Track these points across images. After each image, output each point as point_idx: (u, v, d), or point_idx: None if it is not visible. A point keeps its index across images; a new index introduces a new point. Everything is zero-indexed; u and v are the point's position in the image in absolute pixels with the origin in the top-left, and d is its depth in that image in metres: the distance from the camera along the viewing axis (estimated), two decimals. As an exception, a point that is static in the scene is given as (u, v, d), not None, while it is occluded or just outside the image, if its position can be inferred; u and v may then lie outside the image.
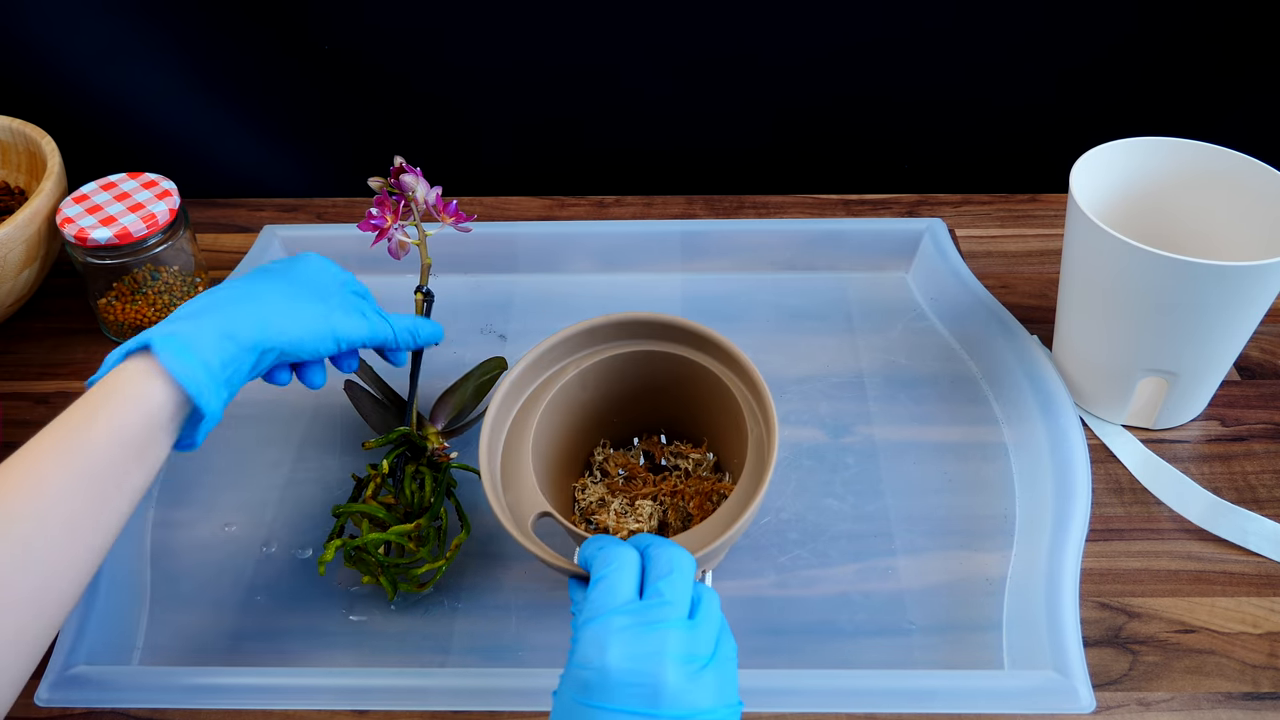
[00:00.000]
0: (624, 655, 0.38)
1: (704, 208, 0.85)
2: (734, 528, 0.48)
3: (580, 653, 0.39)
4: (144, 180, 0.74)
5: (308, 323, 0.53)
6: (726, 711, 0.39)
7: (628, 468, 0.61)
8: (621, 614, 0.39)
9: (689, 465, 0.61)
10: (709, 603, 0.42)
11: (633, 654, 0.38)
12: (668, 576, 0.41)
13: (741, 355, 0.55)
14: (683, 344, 0.58)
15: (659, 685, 0.37)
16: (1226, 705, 0.52)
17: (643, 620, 0.39)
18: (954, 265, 0.75)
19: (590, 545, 0.45)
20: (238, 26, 0.81)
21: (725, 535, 0.48)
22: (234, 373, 0.49)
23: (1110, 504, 0.62)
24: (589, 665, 0.38)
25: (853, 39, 0.81)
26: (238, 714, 0.53)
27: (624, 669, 0.38)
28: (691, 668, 0.38)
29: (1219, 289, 0.56)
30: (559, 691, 0.40)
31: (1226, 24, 0.78)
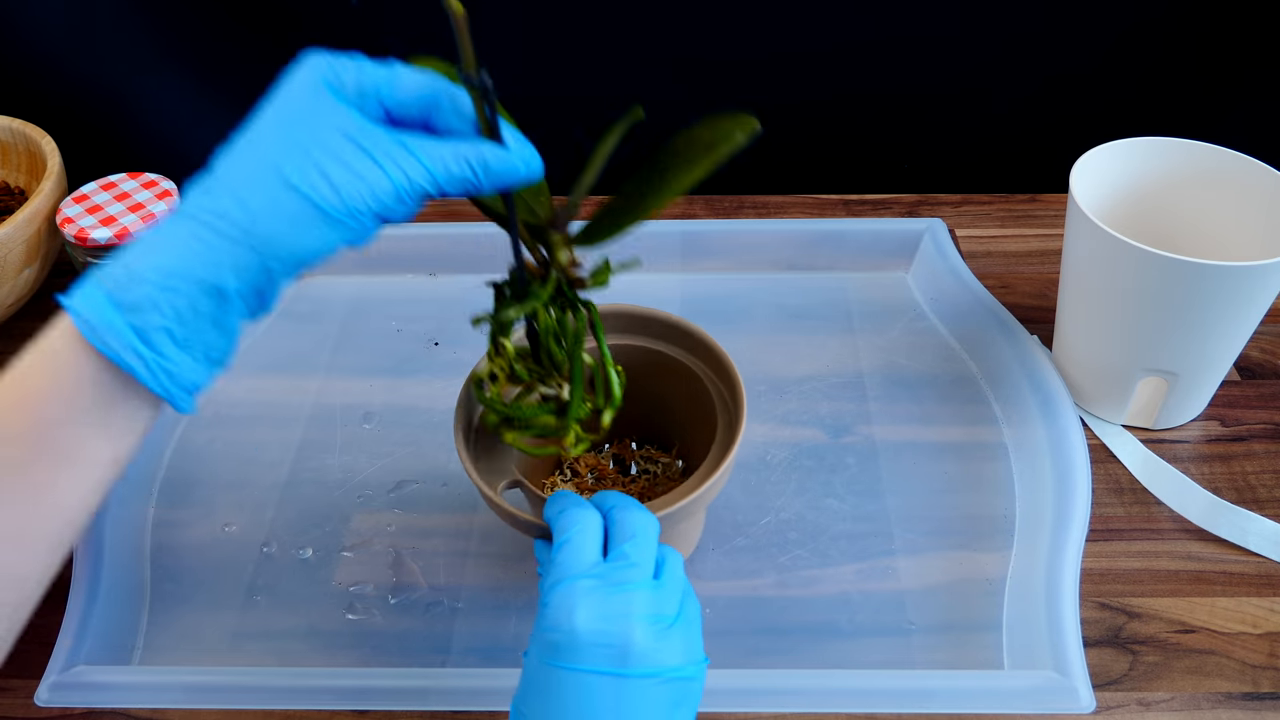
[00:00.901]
0: (592, 616, 0.38)
1: (704, 208, 0.85)
2: (697, 492, 0.48)
3: (549, 616, 0.39)
4: (144, 180, 0.74)
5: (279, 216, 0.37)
6: (694, 669, 0.40)
7: (598, 469, 0.61)
8: (588, 576, 0.40)
9: (658, 470, 0.61)
10: (673, 564, 0.42)
11: (600, 615, 0.38)
12: (632, 539, 0.41)
13: (712, 341, 0.54)
14: (653, 337, 0.57)
15: (627, 645, 0.38)
16: (1226, 705, 0.52)
17: (609, 582, 0.40)
18: (954, 265, 0.75)
19: (553, 505, 0.44)
20: (238, 26, 0.81)
21: (688, 498, 0.47)
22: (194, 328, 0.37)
23: (1110, 504, 0.62)
24: (558, 628, 0.39)
25: (853, 38, 0.81)
26: (238, 714, 0.53)
27: (592, 630, 0.38)
28: (658, 627, 0.39)
29: (1219, 289, 0.56)
30: (528, 653, 0.41)
31: (1226, 24, 0.78)
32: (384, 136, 0.37)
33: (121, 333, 0.36)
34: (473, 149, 0.38)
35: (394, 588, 0.59)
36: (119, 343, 0.36)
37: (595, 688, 0.38)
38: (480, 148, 0.38)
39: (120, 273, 0.37)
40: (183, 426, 0.69)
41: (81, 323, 0.36)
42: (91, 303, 0.36)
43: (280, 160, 0.36)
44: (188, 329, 0.37)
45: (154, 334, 0.37)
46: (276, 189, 0.36)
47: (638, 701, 0.38)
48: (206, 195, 0.37)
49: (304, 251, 0.37)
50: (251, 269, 0.37)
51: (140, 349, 0.37)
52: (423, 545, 0.61)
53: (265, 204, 0.36)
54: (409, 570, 0.60)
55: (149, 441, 0.67)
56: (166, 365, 0.37)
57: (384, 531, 0.62)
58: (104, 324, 0.36)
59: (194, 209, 0.37)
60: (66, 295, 0.37)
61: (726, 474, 0.50)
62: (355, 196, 0.37)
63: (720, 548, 0.60)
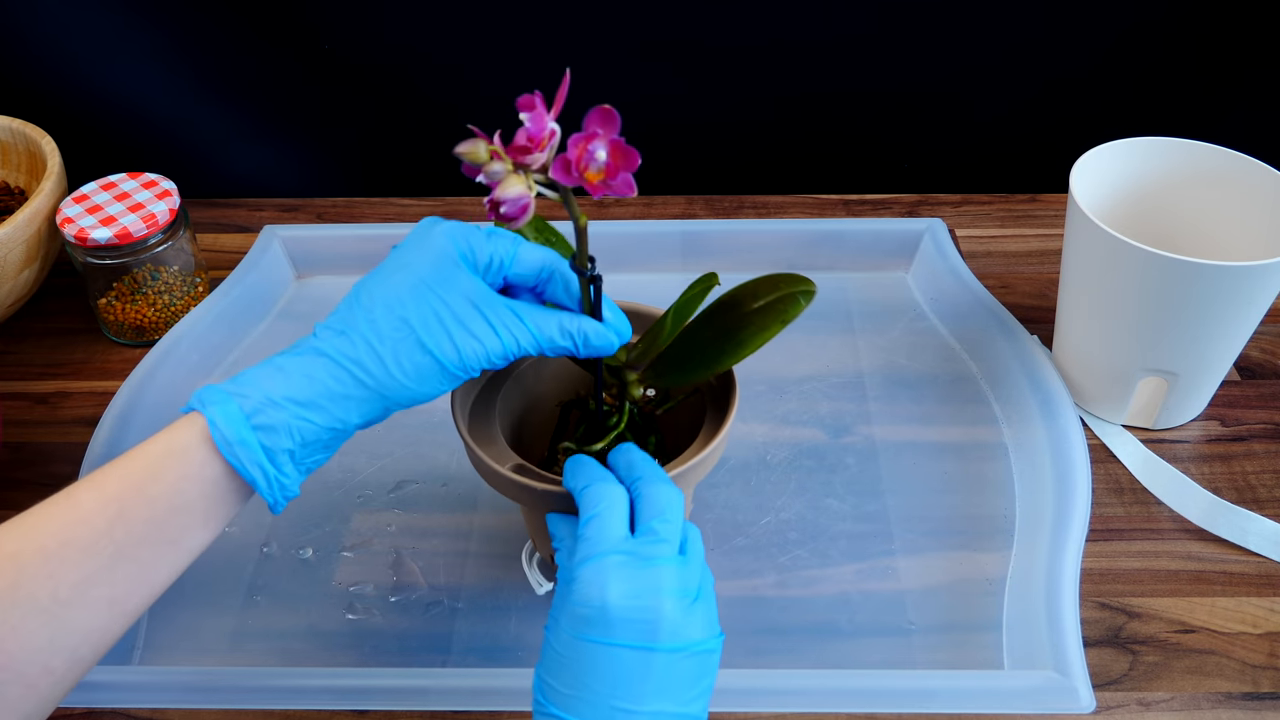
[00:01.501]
0: (624, 593, 0.39)
1: (704, 208, 0.85)
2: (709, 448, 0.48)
3: (579, 591, 0.40)
4: (144, 180, 0.74)
5: (408, 371, 0.42)
6: (714, 641, 0.41)
7: None
8: (618, 553, 0.40)
9: None
10: (695, 540, 0.43)
11: (632, 591, 0.39)
12: (660, 515, 0.42)
13: None
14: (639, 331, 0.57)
15: (657, 620, 0.39)
16: (1226, 705, 0.52)
17: (639, 558, 0.40)
18: (954, 265, 0.75)
19: (576, 477, 0.44)
20: (238, 26, 0.81)
21: (700, 455, 0.48)
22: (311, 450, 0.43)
23: (1110, 504, 0.62)
24: (589, 603, 0.39)
25: (852, 38, 0.81)
26: (238, 714, 0.53)
27: (624, 605, 0.39)
28: (685, 602, 0.40)
29: (1219, 289, 0.56)
30: (552, 626, 0.41)
31: (1226, 24, 0.78)
32: (503, 306, 0.43)
33: (253, 450, 0.41)
34: (575, 323, 0.44)
35: (394, 588, 0.59)
36: (248, 458, 0.41)
37: (626, 661, 0.39)
38: (582, 323, 0.44)
39: (258, 396, 0.41)
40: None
41: (218, 434, 0.41)
42: (230, 420, 0.41)
43: (416, 323, 0.42)
44: (307, 451, 0.42)
45: (279, 454, 0.41)
46: (411, 349, 0.42)
47: (666, 674, 0.39)
48: (344, 339, 0.42)
49: (420, 397, 0.43)
50: (375, 410, 0.43)
51: (266, 465, 0.41)
52: (422, 545, 0.61)
53: (397, 360, 0.42)
54: (409, 570, 0.60)
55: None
56: (283, 480, 0.42)
57: (384, 532, 0.62)
58: (238, 440, 0.41)
59: (332, 350, 0.42)
60: (204, 404, 0.41)
61: (719, 451, 0.50)
62: (473, 356, 0.43)
63: (720, 547, 0.60)
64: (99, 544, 0.39)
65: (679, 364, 0.49)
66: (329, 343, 0.42)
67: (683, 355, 0.49)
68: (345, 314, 0.43)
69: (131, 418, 0.66)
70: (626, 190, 0.39)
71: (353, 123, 0.88)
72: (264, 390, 0.41)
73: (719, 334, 0.48)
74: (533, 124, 0.38)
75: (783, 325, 0.48)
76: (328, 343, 0.42)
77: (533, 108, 0.38)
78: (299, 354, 0.42)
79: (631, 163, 0.38)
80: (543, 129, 0.38)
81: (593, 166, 0.38)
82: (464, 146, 0.38)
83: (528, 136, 0.38)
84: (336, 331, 0.42)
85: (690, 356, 0.49)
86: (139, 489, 0.40)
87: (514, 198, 0.38)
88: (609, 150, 0.38)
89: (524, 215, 0.39)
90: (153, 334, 0.75)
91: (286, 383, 0.41)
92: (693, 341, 0.49)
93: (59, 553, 0.38)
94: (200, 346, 0.72)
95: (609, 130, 0.38)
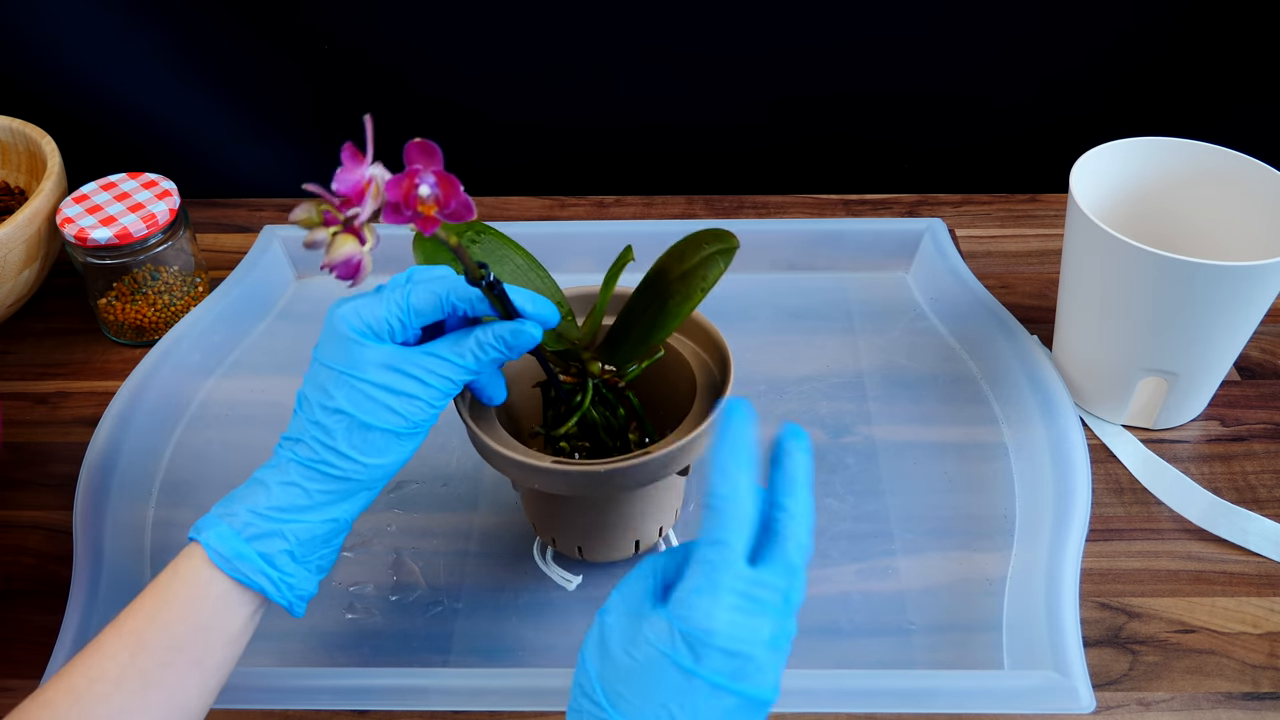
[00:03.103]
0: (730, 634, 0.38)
1: (704, 208, 0.85)
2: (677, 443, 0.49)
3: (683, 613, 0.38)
4: (144, 180, 0.74)
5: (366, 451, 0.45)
6: (774, 695, 0.40)
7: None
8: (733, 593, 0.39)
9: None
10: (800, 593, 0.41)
11: (738, 634, 0.38)
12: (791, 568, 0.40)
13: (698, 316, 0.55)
14: None
15: (749, 666, 0.38)
16: (1226, 705, 0.52)
17: (754, 601, 0.39)
18: (954, 265, 0.75)
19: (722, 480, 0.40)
20: (238, 26, 0.81)
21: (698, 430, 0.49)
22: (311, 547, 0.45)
23: (1110, 504, 0.62)
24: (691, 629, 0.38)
25: (853, 38, 0.81)
26: (238, 714, 0.53)
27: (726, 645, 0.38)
28: (776, 655, 0.39)
29: (1219, 289, 0.56)
30: (610, 612, 0.40)
31: (1226, 24, 0.78)
32: (418, 355, 0.45)
33: (251, 560, 0.43)
34: (489, 333, 0.45)
35: (394, 588, 0.59)
36: (249, 568, 0.43)
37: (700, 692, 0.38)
38: (496, 329, 0.45)
39: (245, 513, 0.44)
40: (182, 428, 0.69)
41: (215, 555, 0.43)
42: (224, 539, 0.43)
43: (351, 409, 0.44)
44: (307, 550, 0.45)
45: (278, 556, 0.44)
46: (359, 432, 0.44)
47: (728, 713, 0.38)
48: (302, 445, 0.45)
49: (393, 467, 0.46)
50: (358, 494, 0.46)
51: (268, 570, 0.44)
52: (423, 545, 0.61)
53: (353, 446, 0.44)
54: (409, 570, 0.60)
55: (149, 443, 0.67)
56: (289, 579, 0.44)
57: (384, 532, 0.62)
58: (236, 555, 0.43)
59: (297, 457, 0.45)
60: (199, 530, 0.44)
61: (705, 440, 0.50)
62: (415, 412, 0.45)
63: (720, 548, 0.60)
64: (125, 676, 0.41)
65: (623, 337, 0.51)
66: (292, 452, 0.45)
67: (625, 328, 0.51)
68: (295, 424, 0.46)
69: (132, 418, 0.66)
70: (466, 214, 0.38)
71: (352, 123, 0.87)
72: (249, 506, 0.44)
73: (652, 304, 0.50)
74: (339, 182, 0.38)
75: (704, 291, 0.48)
76: (291, 452, 0.45)
77: (344, 161, 0.38)
78: (274, 466, 0.45)
79: (458, 188, 0.38)
80: (357, 180, 0.38)
81: (422, 203, 0.38)
82: (297, 213, 0.38)
83: (342, 194, 0.38)
84: (294, 440, 0.45)
85: (630, 329, 0.51)
86: (152, 618, 0.43)
87: (343, 260, 0.38)
88: (435, 183, 0.38)
89: (359, 274, 0.39)
90: (153, 334, 0.75)
91: (269, 495, 0.44)
92: (631, 314, 0.51)
93: (88, 689, 0.41)
94: (201, 346, 0.72)
95: (430, 163, 0.38)
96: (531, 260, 0.53)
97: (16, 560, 0.61)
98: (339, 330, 0.44)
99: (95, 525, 0.60)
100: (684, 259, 0.50)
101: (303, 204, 0.38)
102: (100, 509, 0.61)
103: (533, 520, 0.58)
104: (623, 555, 0.57)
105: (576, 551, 0.57)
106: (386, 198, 0.38)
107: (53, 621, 0.56)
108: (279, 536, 0.44)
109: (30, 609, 0.58)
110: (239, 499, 0.45)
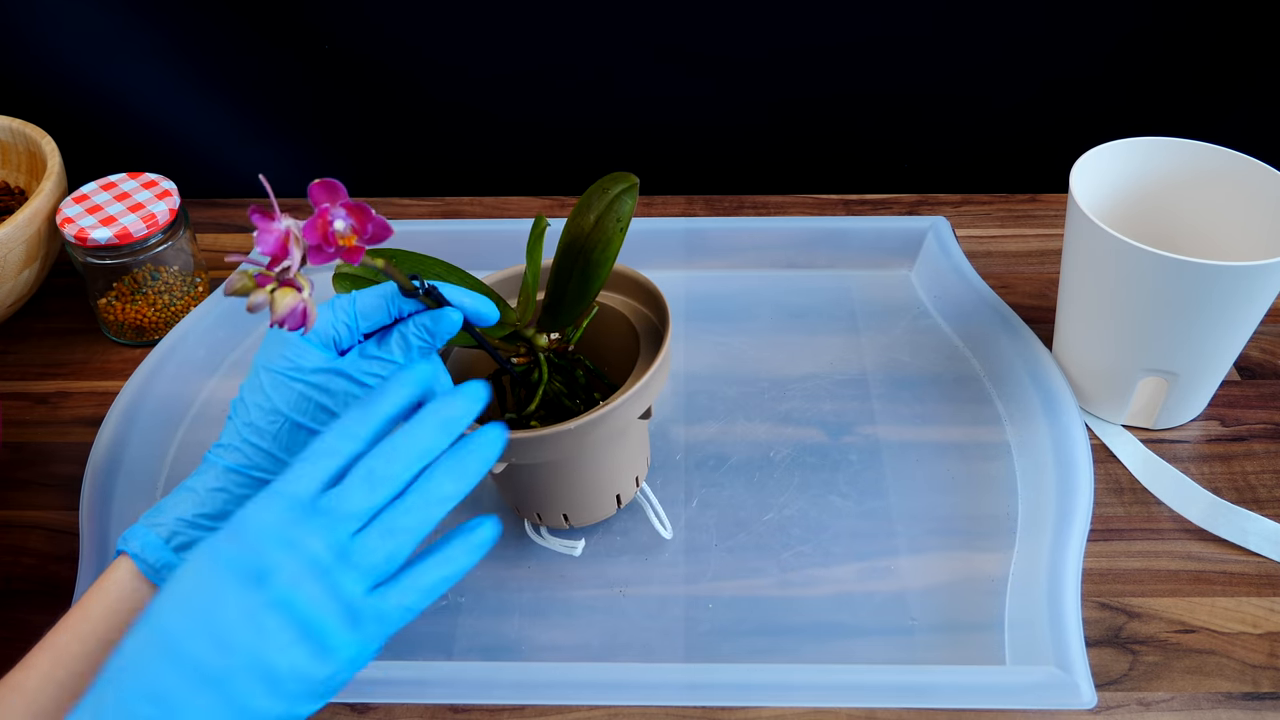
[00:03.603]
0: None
1: (704, 208, 0.85)
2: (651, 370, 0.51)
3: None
4: (144, 180, 0.74)
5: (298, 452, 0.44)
6: None
7: None
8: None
9: None
10: None
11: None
12: None
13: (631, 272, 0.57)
14: None
15: None
16: (1226, 705, 0.52)
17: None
18: (958, 264, 0.75)
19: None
20: (238, 26, 0.81)
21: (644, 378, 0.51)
22: None
23: (1110, 504, 0.62)
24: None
25: (852, 38, 0.81)
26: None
27: None
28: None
29: (1219, 289, 0.56)
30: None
31: (1227, 24, 0.78)
32: (351, 358, 0.46)
33: (175, 564, 0.44)
34: (413, 324, 0.46)
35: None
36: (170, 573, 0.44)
37: None
38: (419, 319, 0.46)
39: (172, 522, 0.44)
40: (186, 426, 0.69)
41: (143, 564, 0.44)
42: (151, 547, 0.44)
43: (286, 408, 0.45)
44: None
45: None
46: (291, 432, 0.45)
47: None
48: (234, 452, 0.45)
49: None
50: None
51: None
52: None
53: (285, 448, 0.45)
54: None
55: (154, 441, 0.67)
56: None
57: (386, 531, 0.62)
58: (163, 564, 0.44)
59: (230, 463, 0.45)
60: (125, 541, 0.44)
61: (659, 380, 0.52)
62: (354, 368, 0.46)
63: (723, 544, 0.60)
64: (43, 687, 0.41)
65: (559, 302, 0.53)
66: (224, 459, 0.45)
67: (559, 294, 0.53)
68: (230, 429, 0.46)
69: (136, 416, 0.66)
70: (385, 233, 0.39)
71: (353, 123, 0.88)
72: (177, 514, 0.44)
73: (577, 261, 0.52)
74: (261, 244, 0.38)
75: (622, 231, 0.50)
76: (223, 459, 0.45)
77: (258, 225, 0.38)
78: (204, 474, 0.45)
79: (370, 213, 0.39)
80: (277, 237, 0.38)
81: (341, 237, 0.39)
82: (231, 284, 0.39)
83: (267, 254, 0.38)
84: (227, 448, 0.45)
85: (564, 293, 0.53)
86: (72, 629, 0.43)
87: (289, 312, 0.39)
88: (346, 214, 0.39)
89: (307, 320, 0.40)
90: (153, 334, 0.74)
91: (198, 502, 0.45)
92: (560, 277, 0.53)
93: (7, 698, 0.41)
94: (205, 342, 0.72)
95: (336, 198, 0.39)
96: (448, 266, 0.55)
97: (16, 560, 0.61)
98: (284, 336, 0.46)
99: (100, 523, 0.60)
100: (590, 209, 0.51)
101: (233, 274, 0.39)
102: (105, 507, 0.61)
103: (513, 502, 0.60)
104: (607, 513, 0.59)
105: (563, 520, 0.58)
106: (307, 243, 0.39)
107: (53, 622, 0.56)
108: None
109: (30, 609, 0.58)
110: (167, 508, 0.45)
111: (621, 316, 0.58)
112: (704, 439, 0.66)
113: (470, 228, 0.81)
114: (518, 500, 0.59)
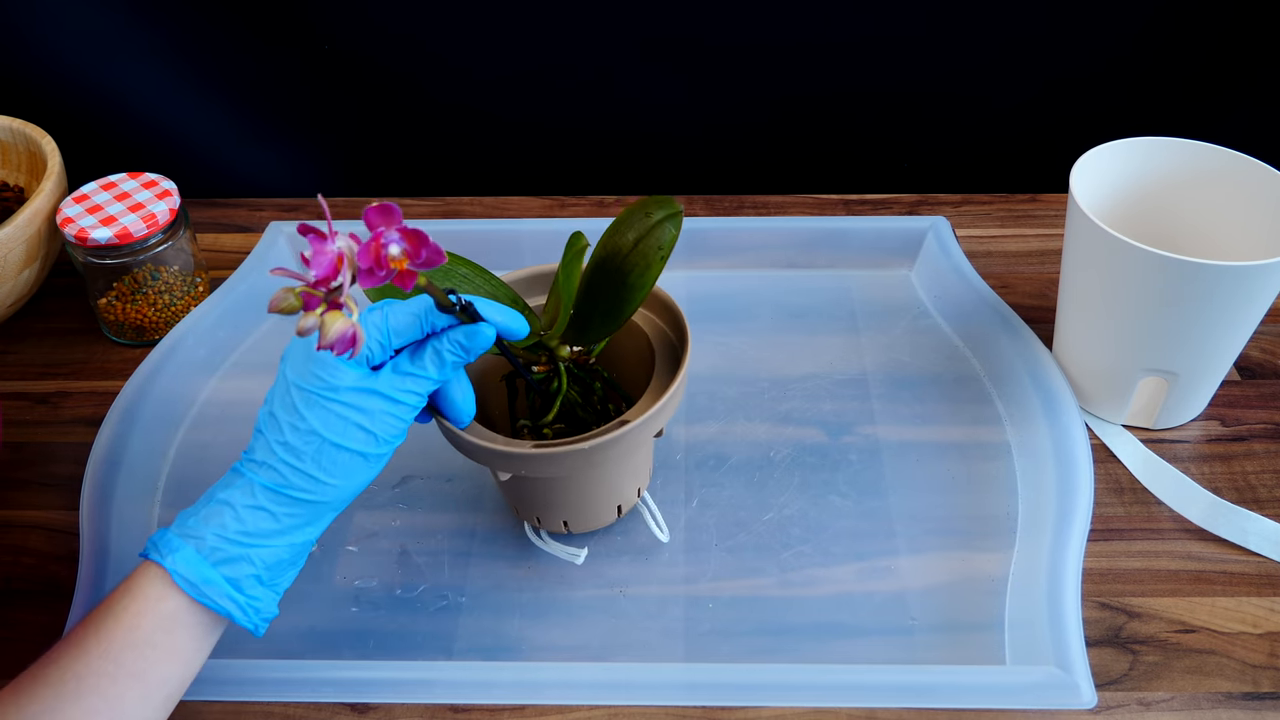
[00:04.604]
0: None
1: (704, 208, 0.85)
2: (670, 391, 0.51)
3: None
4: (144, 180, 0.74)
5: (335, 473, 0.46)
6: None
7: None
8: None
9: None
10: None
11: None
12: None
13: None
14: None
15: None
16: (1226, 705, 0.52)
17: None
18: (958, 264, 0.75)
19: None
20: (238, 26, 0.81)
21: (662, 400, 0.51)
22: (278, 570, 0.46)
23: (1110, 504, 0.62)
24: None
25: (852, 37, 0.81)
26: (238, 707, 0.53)
27: None
28: None
29: (1219, 289, 0.56)
30: None
31: (1227, 24, 0.78)
32: (387, 373, 0.46)
33: (219, 585, 0.44)
34: (448, 340, 0.46)
35: (398, 584, 0.59)
36: (216, 593, 0.44)
37: None
38: (454, 335, 0.46)
39: (213, 537, 0.44)
40: (185, 428, 0.69)
41: (181, 579, 0.44)
42: (191, 563, 0.44)
43: (323, 429, 0.45)
44: (274, 573, 0.46)
45: (245, 580, 0.45)
46: (330, 453, 0.45)
47: None
48: (269, 470, 0.45)
49: (358, 488, 0.47)
50: (324, 518, 0.47)
51: (234, 595, 0.45)
52: (427, 542, 0.61)
53: (321, 469, 0.45)
54: (413, 566, 0.60)
55: (154, 442, 0.67)
56: (255, 603, 0.45)
57: (388, 528, 0.62)
58: (203, 580, 0.44)
59: (265, 481, 0.45)
60: (160, 553, 0.44)
61: (674, 402, 0.52)
62: (387, 429, 0.46)
63: (723, 544, 0.60)
64: (63, 680, 0.42)
65: (588, 321, 0.53)
66: (260, 476, 0.45)
67: (588, 312, 0.53)
68: (262, 445, 0.45)
69: (136, 416, 0.66)
70: (438, 259, 0.39)
71: (353, 122, 0.88)
72: (216, 530, 0.44)
73: (610, 281, 0.51)
74: (315, 265, 0.38)
75: (663, 259, 0.50)
76: (259, 477, 0.45)
77: (311, 245, 0.38)
78: (239, 488, 0.45)
79: (425, 238, 0.39)
80: (330, 259, 0.38)
81: (394, 260, 0.39)
82: (277, 301, 0.39)
83: (320, 276, 0.38)
84: (261, 465, 0.45)
85: (594, 312, 0.52)
86: (96, 628, 0.43)
87: (339, 339, 0.39)
88: (400, 239, 0.39)
89: (356, 344, 0.40)
90: (153, 334, 0.74)
91: (237, 519, 0.45)
92: (592, 293, 0.52)
93: (29, 689, 0.42)
94: (206, 343, 0.72)
95: (390, 222, 0.39)
96: (476, 267, 0.55)
97: (16, 560, 0.61)
98: (316, 354, 0.45)
99: (100, 523, 0.60)
100: (631, 229, 0.51)
101: (279, 291, 0.39)
102: (105, 507, 0.61)
103: (515, 505, 0.60)
104: (606, 522, 0.59)
105: (563, 526, 0.58)
106: (360, 266, 0.39)
107: (53, 621, 0.56)
108: (246, 561, 0.44)
109: (30, 609, 0.58)
110: (204, 521, 0.45)
111: (640, 330, 0.58)
112: (704, 439, 0.66)
113: (470, 228, 0.81)
114: (519, 505, 0.59)
